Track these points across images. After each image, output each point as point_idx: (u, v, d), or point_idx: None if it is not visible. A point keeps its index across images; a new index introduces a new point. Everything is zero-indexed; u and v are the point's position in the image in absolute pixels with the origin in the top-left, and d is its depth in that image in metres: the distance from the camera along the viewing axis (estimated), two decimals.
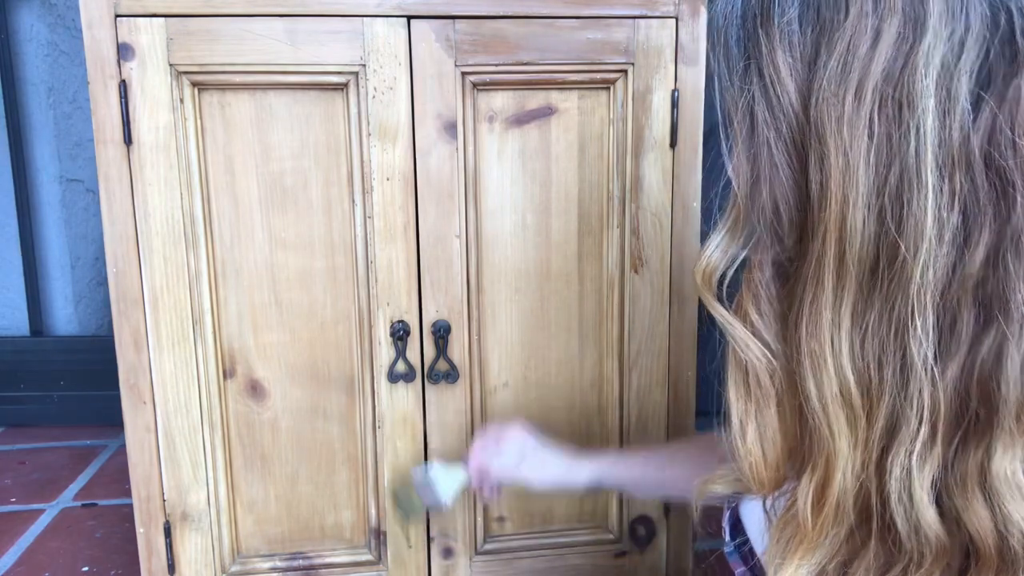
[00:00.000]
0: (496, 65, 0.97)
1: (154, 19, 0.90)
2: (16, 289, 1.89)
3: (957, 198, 0.44)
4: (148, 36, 0.91)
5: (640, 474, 0.94)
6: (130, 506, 1.02)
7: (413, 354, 1.02)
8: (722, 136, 0.60)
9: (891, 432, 0.48)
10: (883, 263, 0.46)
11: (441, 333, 1.01)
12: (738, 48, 0.52)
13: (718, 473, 0.62)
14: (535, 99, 0.99)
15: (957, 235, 0.45)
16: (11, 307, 1.91)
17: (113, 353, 0.97)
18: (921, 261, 0.44)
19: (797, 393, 0.52)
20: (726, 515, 0.71)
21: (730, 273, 0.55)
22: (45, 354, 1.87)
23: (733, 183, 0.54)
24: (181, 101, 0.93)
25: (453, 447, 1.06)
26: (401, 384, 1.03)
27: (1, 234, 1.87)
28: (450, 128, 0.97)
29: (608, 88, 1.00)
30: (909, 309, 0.46)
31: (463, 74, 0.97)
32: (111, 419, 1.49)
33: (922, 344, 0.46)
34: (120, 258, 0.95)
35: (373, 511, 1.07)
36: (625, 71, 0.99)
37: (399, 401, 1.03)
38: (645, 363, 1.07)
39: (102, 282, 1.91)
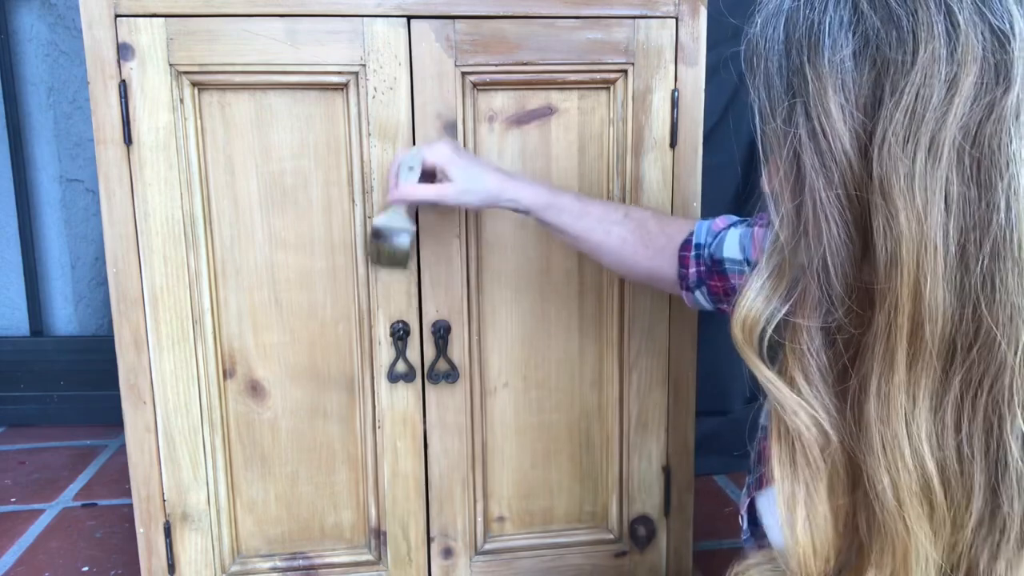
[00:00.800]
0: (496, 65, 0.97)
1: (154, 19, 0.90)
2: (16, 289, 1.89)
3: None
4: (148, 36, 0.91)
5: (574, 221, 0.88)
6: (130, 506, 1.02)
7: (413, 354, 1.02)
8: (763, 172, 0.54)
9: (984, 537, 0.44)
10: (969, 344, 0.41)
11: (441, 333, 1.01)
12: (781, 80, 0.46)
13: (751, 562, 0.56)
14: (535, 99, 0.99)
15: None
16: (11, 307, 1.91)
17: (113, 353, 0.97)
18: (1020, 346, 0.40)
19: (853, 474, 0.47)
20: (744, 504, 0.70)
21: (771, 328, 0.49)
22: (45, 354, 1.87)
23: (775, 225, 0.48)
24: (181, 101, 0.93)
25: (454, 447, 1.06)
26: (401, 384, 1.03)
27: (1, 234, 1.87)
28: (450, 128, 0.97)
29: (608, 88, 1.00)
30: (1004, 400, 0.41)
31: (463, 74, 0.97)
32: (111, 419, 1.49)
33: (1021, 438, 0.41)
34: (120, 258, 0.95)
35: (373, 511, 1.07)
36: (625, 71, 0.99)
37: (399, 401, 1.03)
38: (645, 363, 1.07)
39: (102, 282, 1.91)
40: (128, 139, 0.92)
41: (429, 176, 0.91)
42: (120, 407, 0.98)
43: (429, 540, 1.08)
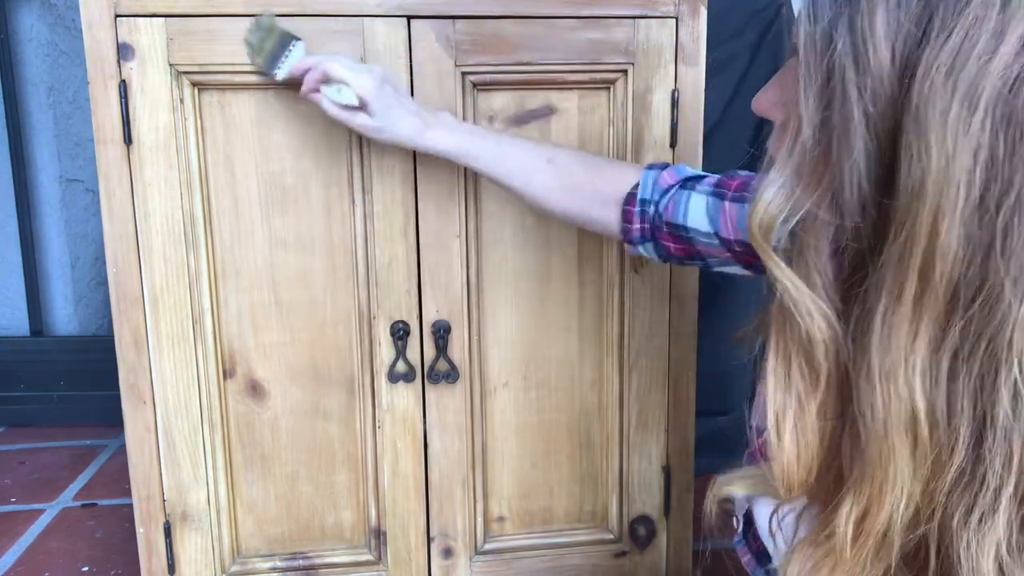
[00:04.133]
0: (496, 65, 0.97)
1: (154, 19, 0.90)
2: (16, 289, 1.89)
3: None
4: (148, 36, 0.91)
5: (494, 168, 0.87)
6: (130, 506, 1.02)
7: (413, 354, 1.02)
8: (776, 82, 0.54)
9: (963, 488, 0.44)
10: (976, 295, 0.41)
11: (441, 333, 1.01)
12: None
13: (737, 474, 0.57)
14: (535, 99, 0.99)
15: None
16: (11, 307, 1.90)
17: (113, 353, 0.97)
18: (1022, 303, 0.40)
19: (844, 395, 0.48)
20: (741, 508, 0.70)
21: (789, 226, 0.49)
22: (45, 354, 1.87)
23: (796, 120, 0.48)
24: (181, 101, 0.93)
25: (454, 447, 1.06)
26: (401, 384, 1.03)
27: (1, 234, 1.87)
28: None
29: (608, 88, 1.00)
30: (1002, 353, 0.41)
31: (463, 74, 0.97)
32: (111, 419, 1.49)
33: (1012, 392, 0.42)
34: (120, 258, 0.95)
35: (373, 511, 1.07)
36: (625, 71, 0.99)
37: (399, 401, 1.03)
38: (645, 363, 1.07)
39: (102, 282, 1.91)
40: (128, 139, 0.92)
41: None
42: (120, 407, 0.98)
43: (429, 540, 1.08)
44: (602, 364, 1.08)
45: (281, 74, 0.90)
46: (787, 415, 0.49)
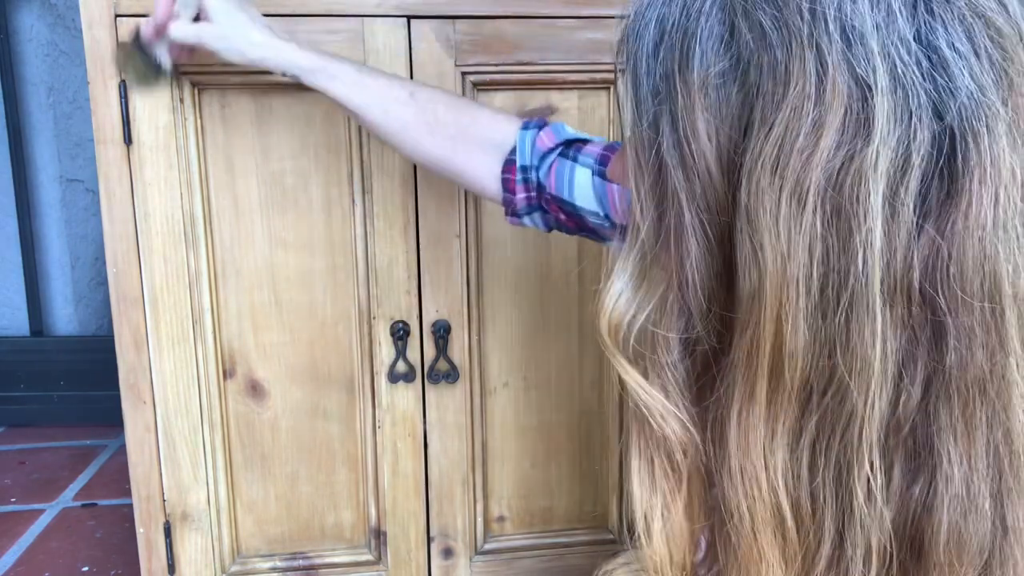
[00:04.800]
0: (496, 65, 0.97)
1: None
2: (16, 289, 1.89)
3: (899, 332, 0.40)
4: None
5: (348, 93, 0.79)
6: (130, 506, 1.02)
7: (413, 354, 1.02)
8: (616, 161, 0.51)
9: (827, 571, 0.44)
10: (824, 388, 0.41)
11: (441, 333, 1.01)
12: (650, 82, 0.44)
13: (619, 561, 0.56)
14: (535, 99, 0.99)
15: (898, 372, 0.40)
16: (11, 307, 1.91)
17: (113, 353, 0.97)
18: (869, 397, 0.40)
19: (710, 496, 0.47)
20: (705, 528, 0.70)
21: (635, 328, 0.47)
22: (45, 354, 1.87)
23: (632, 217, 0.46)
24: (181, 101, 0.93)
25: (454, 447, 1.06)
26: (401, 384, 1.03)
27: (1, 234, 1.87)
28: None
29: (608, 88, 1.00)
30: (853, 448, 0.41)
31: (463, 74, 0.97)
32: (111, 419, 1.49)
33: (866, 487, 0.42)
34: (120, 258, 0.95)
35: (373, 511, 1.07)
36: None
37: (399, 401, 1.03)
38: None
39: (102, 282, 1.91)
40: (128, 139, 0.92)
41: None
42: (120, 407, 0.98)
43: (429, 540, 1.08)
44: (602, 364, 1.08)
45: (163, 59, 0.84)
46: (655, 516, 0.48)
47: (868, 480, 0.41)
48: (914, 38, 0.38)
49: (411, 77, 0.95)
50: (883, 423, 0.41)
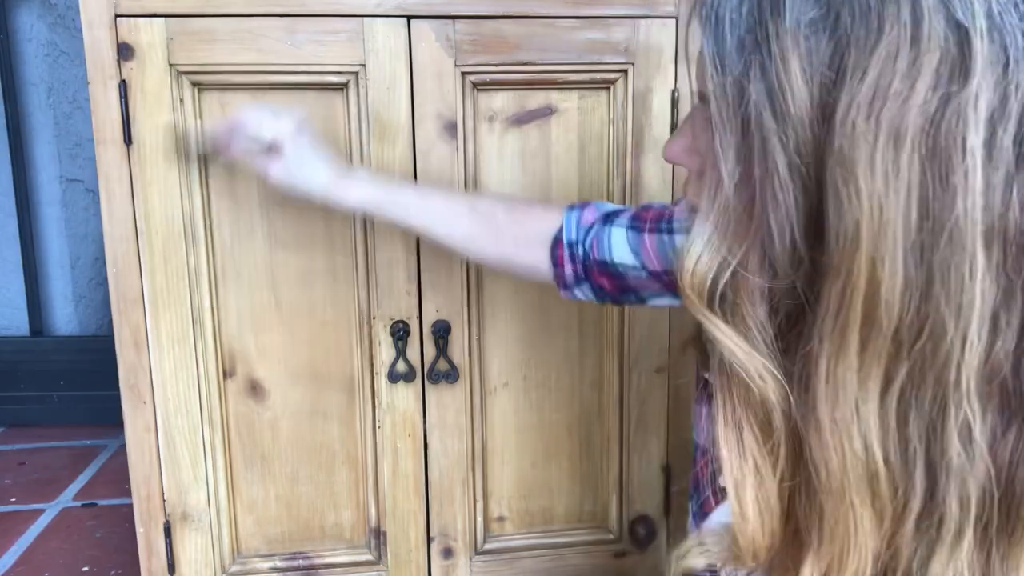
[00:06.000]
0: (496, 65, 0.97)
1: (154, 19, 0.90)
2: (16, 289, 1.89)
3: (997, 275, 0.39)
4: (148, 36, 0.91)
5: (416, 218, 0.84)
6: (130, 506, 1.02)
7: (413, 354, 1.02)
8: (686, 132, 0.52)
9: (923, 535, 0.43)
10: (919, 336, 0.40)
11: (441, 333, 1.01)
12: (739, 32, 0.43)
13: (694, 545, 0.54)
14: (535, 99, 0.99)
15: (995, 316, 0.40)
16: (11, 307, 1.91)
17: (113, 353, 0.97)
18: (967, 340, 0.39)
19: (797, 454, 0.46)
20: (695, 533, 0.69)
21: (722, 281, 0.46)
22: (45, 354, 1.87)
23: (714, 175, 0.46)
24: (181, 101, 0.93)
25: (454, 447, 1.06)
26: (401, 384, 1.03)
27: (1, 234, 1.87)
28: (450, 128, 0.97)
29: (608, 88, 1.00)
30: (949, 394, 0.41)
31: (463, 74, 0.97)
32: (111, 419, 1.49)
33: (964, 435, 0.41)
34: (120, 258, 0.95)
35: (373, 511, 1.07)
36: (625, 71, 0.99)
37: (399, 401, 1.03)
38: (645, 363, 1.07)
39: (102, 282, 1.91)
40: (128, 139, 0.92)
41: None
42: (120, 407, 0.98)
43: (429, 540, 1.08)
44: (602, 364, 1.08)
45: (206, 147, 0.92)
46: (746, 485, 0.47)
47: (966, 427, 0.41)
48: None
49: (411, 77, 0.95)
50: (979, 369, 0.40)
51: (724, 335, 0.46)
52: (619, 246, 0.76)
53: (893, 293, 0.40)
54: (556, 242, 0.80)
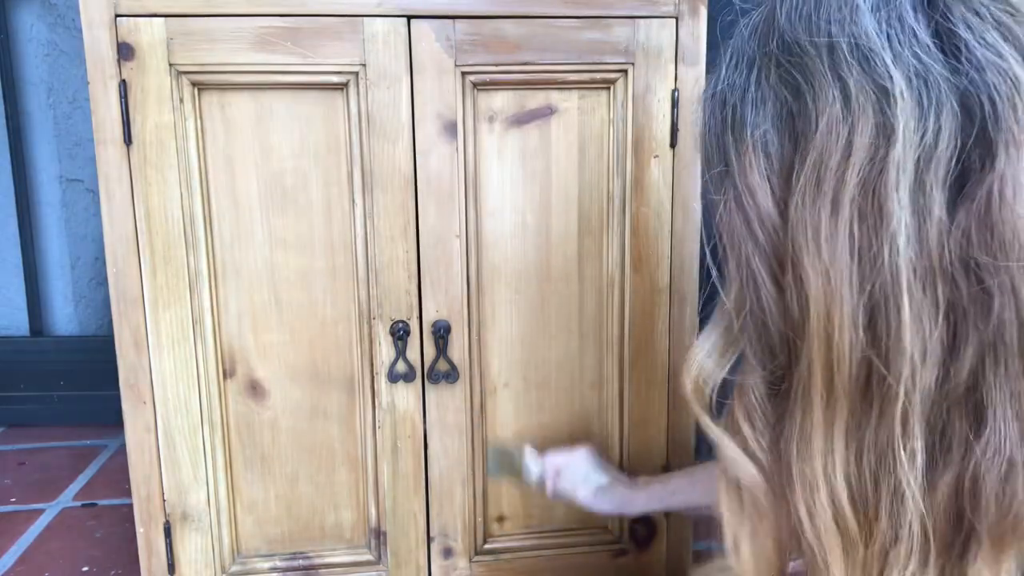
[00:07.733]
0: (496, 65, 0.97)
1: (154, 19, 0.90)
2: (16, 289, 1.89)
3: (941, 309, 0.42)
4: (148, 36, 0.91)
5: (686, 500, 0.97)
6: (130, 506, 1.02)
7: (413, 354, 1.02)
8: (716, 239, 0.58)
9: (884, 556, 0.46)
10: (872, 383, 0.44)
11: (441, 333, 1.01)
12: (715, 158, 0.49)
13: (715, 566, 0.61)
14: (535, 99, 0.99)
15: (945, 347, 0.42)
16: (11, 307, 1.90)
17: (113, 353, 0.97)
18: (904, 380, 0.42)
19: (791, 512, 0.50)
20: None
21: (717, 384, 0.53)
22: (45, 354, 1.87)
23: (720, 289, 0.52)
24: (181, 101, 0.93)
25: (453, 447, 1.06)
26: (401, 384, 1.03)
27: (1, 234, 1.87)
28: (450, 128, 0.97)
29: (608, 88, 1.00)
30: (895, 431, 0.44)
31: (463, 74, 0.97)
32: (111, 419, 1.49)
33: (909, 465, 0.44)
34: (120, 258, 0.95)
35: (373, 511, 1.07)
36: (625, 71, 0.99)
37: (399, 401, 1.03)
38: (645, 363, 1.07)
39: (102, 282, 1.91)
40: (128, 139, 0.92)
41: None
42: (120, 407, 0.98)
43: (429, 540, 1.08)
44: (602, 364, 1.08)
45: (534, 478, 1.03)
46: (742, 535, 0.53)
47: (910, 456, 0.44)
48: (929, 33, 0.41)
49: (411, 77, 0.95)
50: (926, 403, 0.43)
51: (713, 432, 0.52)
52: None
53: (844, 350, 0.44)
54: None
